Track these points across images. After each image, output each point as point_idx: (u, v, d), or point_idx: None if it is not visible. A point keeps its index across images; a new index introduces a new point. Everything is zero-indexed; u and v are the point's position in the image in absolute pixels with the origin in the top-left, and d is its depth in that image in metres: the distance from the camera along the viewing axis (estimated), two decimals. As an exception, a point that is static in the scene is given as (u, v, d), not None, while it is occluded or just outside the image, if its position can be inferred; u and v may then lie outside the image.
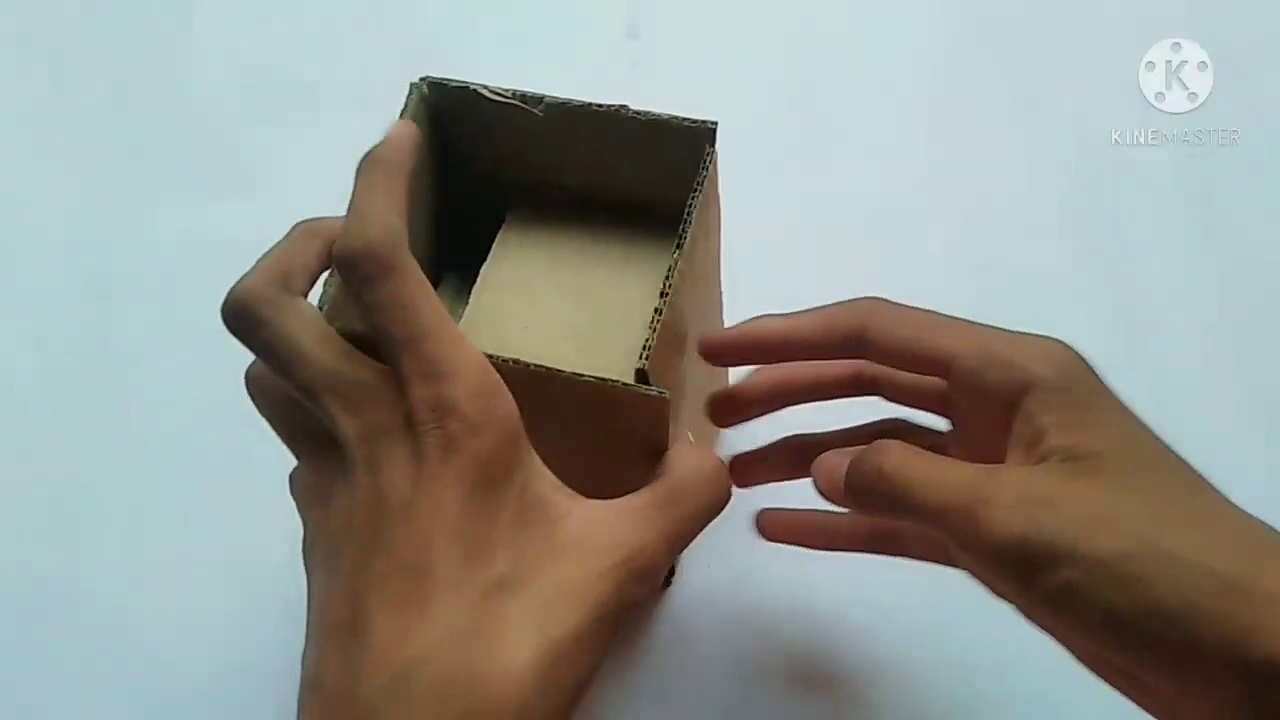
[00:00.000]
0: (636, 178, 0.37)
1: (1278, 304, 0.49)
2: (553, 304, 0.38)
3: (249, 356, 0.40)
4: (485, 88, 0.35)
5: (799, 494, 0.35)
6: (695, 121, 0.34)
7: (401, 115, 0.35)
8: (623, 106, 0.34)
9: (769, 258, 0.48)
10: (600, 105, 0.35)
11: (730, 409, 0.37)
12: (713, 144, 0.34)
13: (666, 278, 0.31)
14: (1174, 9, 0.57)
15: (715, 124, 0.33)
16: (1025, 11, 0.58)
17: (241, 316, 0.28)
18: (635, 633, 0.42)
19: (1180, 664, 0.25)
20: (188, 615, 0.43)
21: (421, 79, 0.35)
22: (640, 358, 0.30)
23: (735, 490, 0.32)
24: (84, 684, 0.43)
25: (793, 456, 0.36)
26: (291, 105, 0.56)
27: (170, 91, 0.57)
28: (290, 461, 0.30)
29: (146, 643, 0.43)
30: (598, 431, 0.32)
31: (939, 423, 0.34)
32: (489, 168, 0.38)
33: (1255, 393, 0.47)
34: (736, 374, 0.45)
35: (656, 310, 0.31)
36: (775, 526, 0.38)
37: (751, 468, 0.37)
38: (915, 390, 0.34)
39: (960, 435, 0.33)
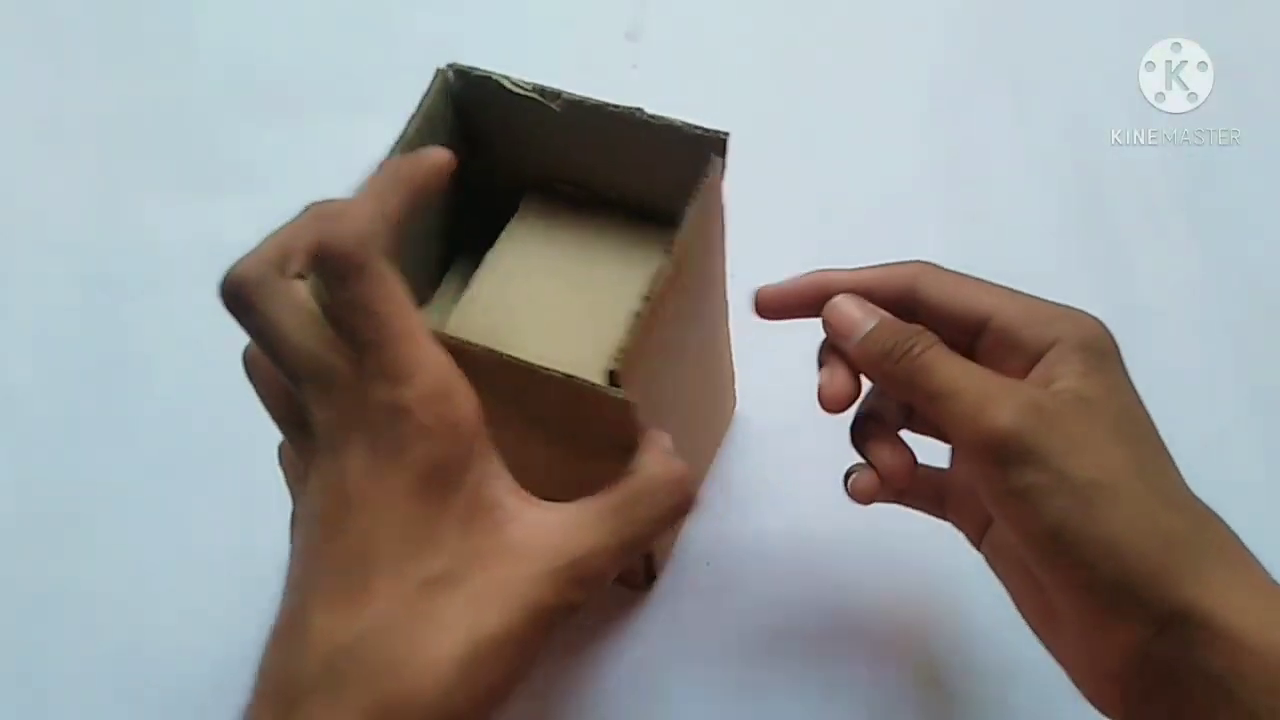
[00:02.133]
0: (647, 180, 0.37)
1: (1277, 304, 0.49)
2: (549, 296, 0.38)
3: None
4: (507, 79, 0.36)
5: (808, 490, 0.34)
6: (705, 130, 0.34)
7: (424, 99, 0.35)
8: (638, 109, 0.34)
9: (769, 257, 0.48)
10: (616, 106, 0.35)
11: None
12: (721, 154, 0.33)
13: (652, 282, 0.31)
14: (1174, 9, 0.57)
15: (726, 135, 0.33)
16: (1025, 11, 0.58)
17: (235, 297, 0.28)
18: (632, 632, 0.42)
19: (1105, 593, 0.28)
20: (188, 615, 0.43)
21: (448, 65, 0.36)
22: (613, 359, 0.30)
23: (732, 496, 0.32)
24: (84, 683, 0.43)
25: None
26: (291, 105, 0.56)
27: (170, 91, 0.57)
28: None
29: (147, 642, 0.43)
30: (566, 428, 0.33)
31: None
32: (508, 158, 0.39)
33: (1255, 392, 0.47)
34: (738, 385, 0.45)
35: (636, 314, 0.31)
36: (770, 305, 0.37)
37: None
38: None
39: None
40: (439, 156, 0.30)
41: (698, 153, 0.33)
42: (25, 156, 0.55)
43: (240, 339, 0.40)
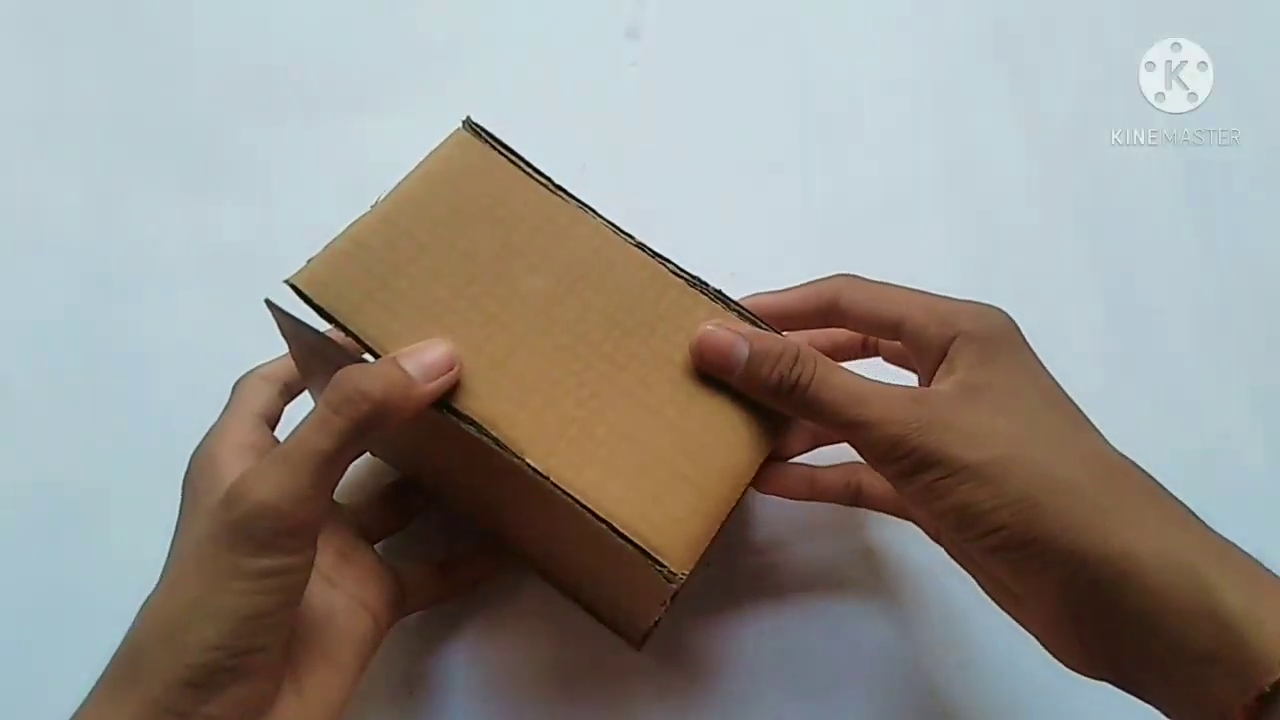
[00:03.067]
0: None
1: (1277, 304, 0.49)
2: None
3: (249, 357, 0.40)
4: (520, 159, 0.37)
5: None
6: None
7: (441, 147, 0.37)
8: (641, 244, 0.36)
9: (768, 257, 0.48)
10: (630, 236, 0.36)
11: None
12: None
13: None
14: (1174, 9, 0.57)
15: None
16: (1026, 11, 0.58)
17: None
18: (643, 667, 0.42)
19: (1019, 552, 0.30)
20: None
21: (467, 122, 0.37)
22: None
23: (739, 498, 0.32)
24: (84, 683, 0.43)
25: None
26: (291, 105, 0.56)
27: (170, 91, 0.57)
28: None
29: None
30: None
31: None
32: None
33: (1255, 392, 0.47)
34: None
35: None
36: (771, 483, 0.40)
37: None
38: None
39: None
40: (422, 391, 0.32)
41: None
42: (26, 156, 0.55)
43: (240, 339, 0.40)
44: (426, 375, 0.32)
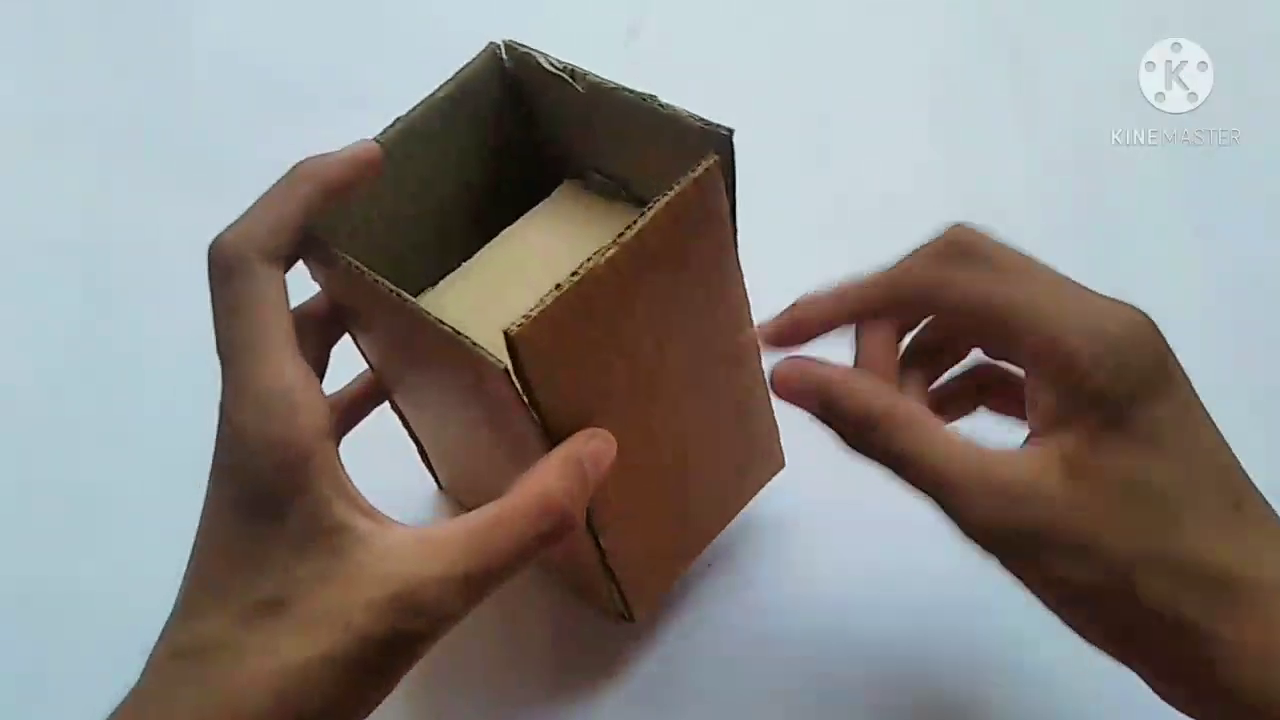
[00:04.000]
0: (664, 171, 0.35)
1: (1277, 304, 0.49)
2: (548, 286, 0.36)
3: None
4: (545, 56, 0.35)
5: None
6: (708, 124, 0.31)
7: (463, 69, 0.36)
8: (650, 96, 0.33)
9: (768, 257, 0.48)
10: (631, 91, 0.33)
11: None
12: (725, 150, 0.31)
13: (587, 259, 0.28)
14: (1174, 9, 0.57)
15: (730, 131, 0.31)
16: (1026, 11, 0.58)
17: (215, 276, 0.28)
18: (640, 635, 0.42)
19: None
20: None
21: (504, 40, 0.36)
22: (514, 323, 0.26)
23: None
24: (84, 684, 0.43)
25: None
26: (291, 105, 0.56)
27: (171, 92, 0.57)
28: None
29: (147, 642, 0.43)
30: (492, 413, 0.30)
31: None
32: (555, 141, 0.38)
33: (1255, 392, 0.47)
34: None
35: (557, 285, 0.27)
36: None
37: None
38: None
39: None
40: (358, 153, 0.30)
41: (701, 146, 0.31)
42: (26, 156, 0.55)
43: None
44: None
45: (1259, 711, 0.25)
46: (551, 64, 0.35)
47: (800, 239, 0.51)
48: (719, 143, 0.31)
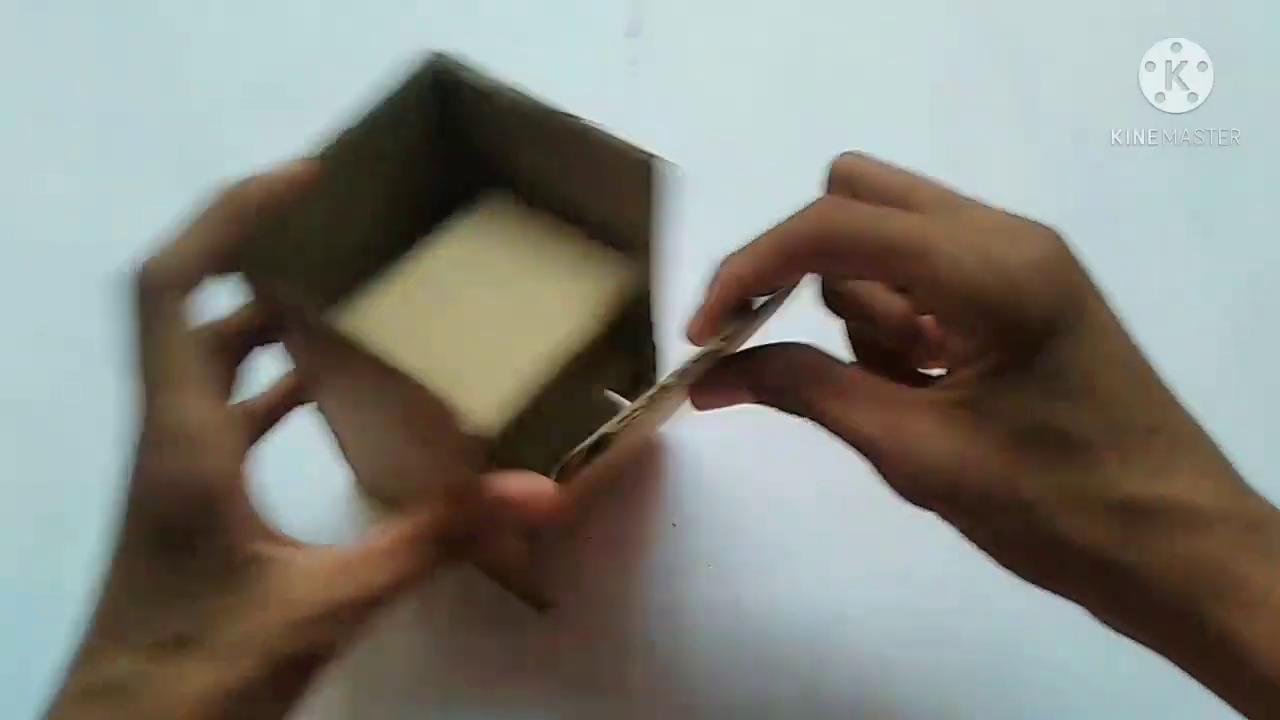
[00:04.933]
0: (601, 198, 0.36)
1: (1277, 304, 0.49)
2: (471, 302, 0.36)
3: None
4: (471, 70, 0.35)
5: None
6: (643, 153, 0.32)
7: (404, 82, 0.35)
8: (571, 115, 0.33)
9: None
10: (552, 108, 0.33)
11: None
12: (645, 175, 0.31)
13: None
14: (1174, 9, 0.57)
15: (649, 156, 0.31)
16: (1026, 11, 0.58)
17: (133, 303, 0.28)
18: (637, 632, 0.42)
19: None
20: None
21: (432, 52, 0.35)
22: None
23: (736, 501, 0.32)
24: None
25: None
26: (291, 105, 0.56)
27: (171, 92, 0.57)
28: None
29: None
30: (422, 431, 0.31)
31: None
32: (488, 155, 0.38)
33: (1256, 392, 0.47)
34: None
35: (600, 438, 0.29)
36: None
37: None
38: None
39: None
40: (291, 173, 0.31)
41: (640, 174, 0.32)
42: (25, 156, 0.55)
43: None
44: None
45: (1187, 625, 0.26)
46: (476, 78, 0.35)
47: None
48: (638, 167, 0.31)
